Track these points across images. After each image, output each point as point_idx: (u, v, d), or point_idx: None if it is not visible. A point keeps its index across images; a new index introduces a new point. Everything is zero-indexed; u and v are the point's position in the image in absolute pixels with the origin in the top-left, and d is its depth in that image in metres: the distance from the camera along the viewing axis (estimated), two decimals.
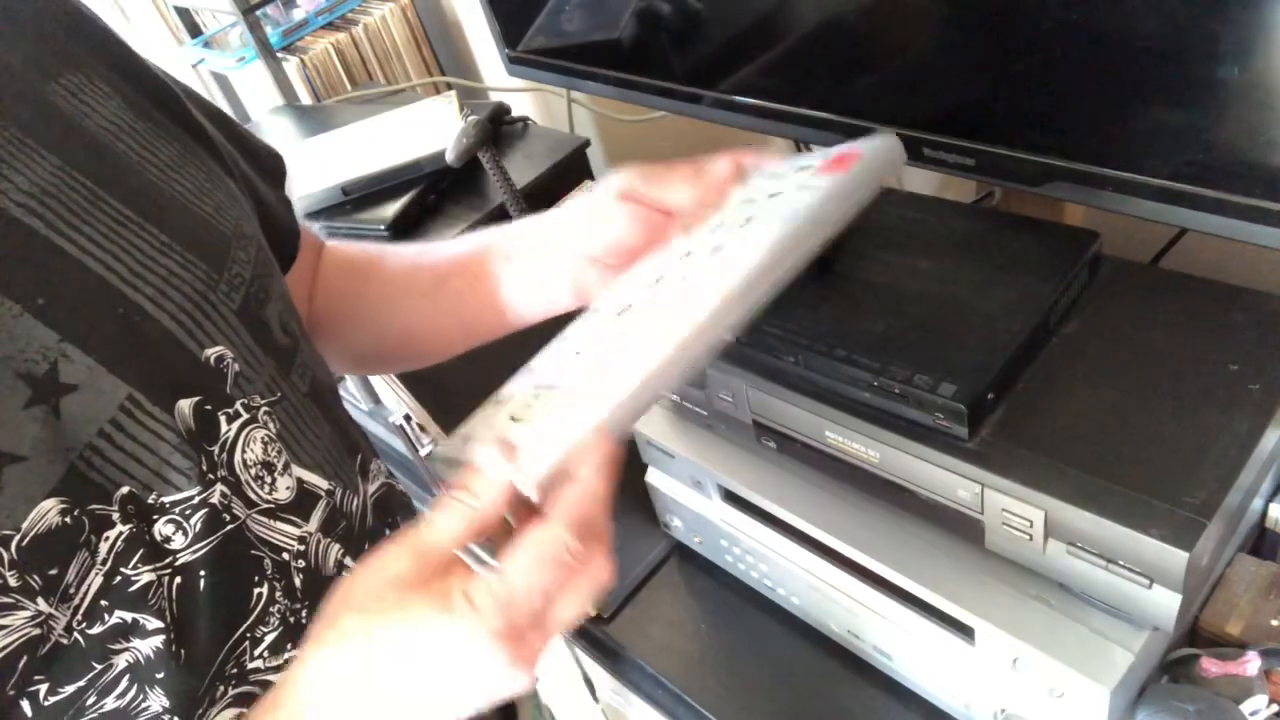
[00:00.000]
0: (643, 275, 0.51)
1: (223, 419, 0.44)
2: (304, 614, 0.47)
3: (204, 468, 0.43)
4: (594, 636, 0.84)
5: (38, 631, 0.37)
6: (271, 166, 0.64)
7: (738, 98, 0.78)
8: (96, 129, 0.45)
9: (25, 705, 0.37)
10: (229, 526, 0.44)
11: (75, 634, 0.39)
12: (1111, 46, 0.55)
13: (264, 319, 0.49)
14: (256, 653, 0.45)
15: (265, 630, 0.45)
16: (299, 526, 0.47)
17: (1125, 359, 0.58)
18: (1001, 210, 0.80)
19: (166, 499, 0.41)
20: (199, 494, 0.42)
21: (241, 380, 0.45)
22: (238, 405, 0.45)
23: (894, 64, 0.69)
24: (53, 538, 0.37)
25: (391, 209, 1.02)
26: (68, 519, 0.38)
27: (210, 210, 0.48)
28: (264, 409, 0.46)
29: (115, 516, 0.40)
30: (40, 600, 0.37)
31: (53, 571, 0.37)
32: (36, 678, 0.38)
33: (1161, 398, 0.55)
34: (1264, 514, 0.63)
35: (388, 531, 0.57)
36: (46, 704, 0.38)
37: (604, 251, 0.55)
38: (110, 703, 0.40)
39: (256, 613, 0.45)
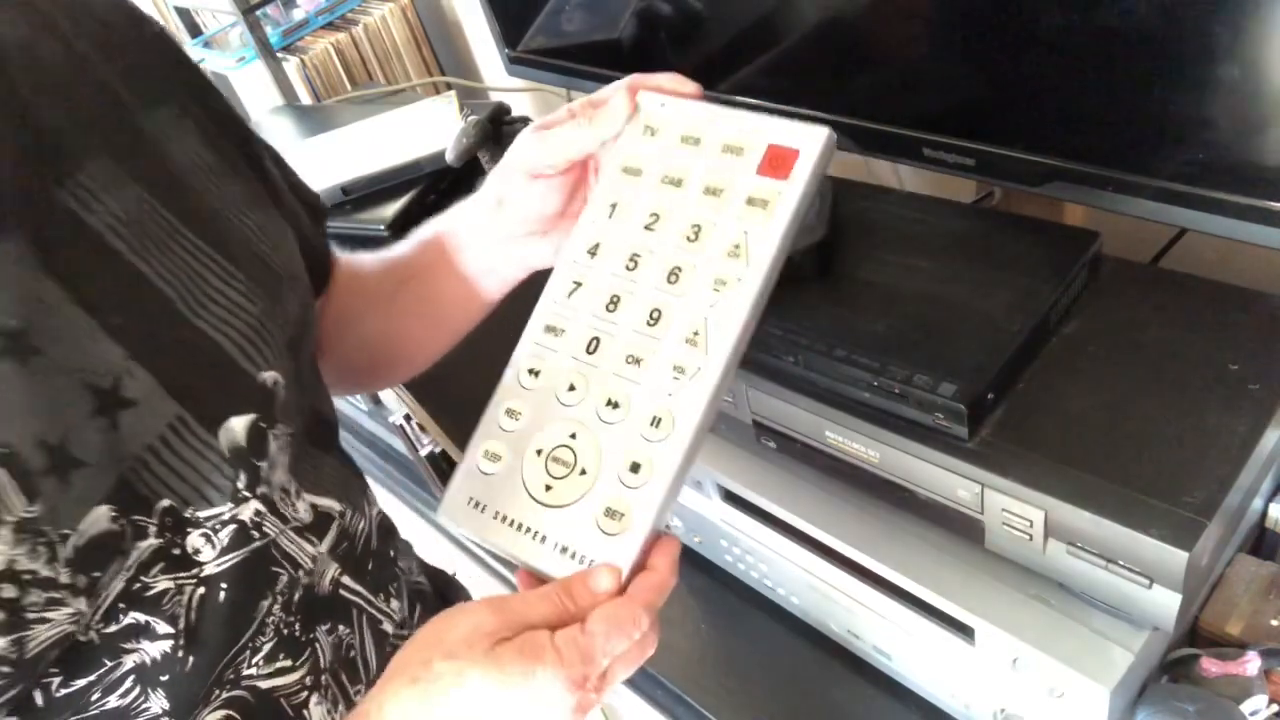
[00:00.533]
0: (590, 239, 0.51)
1: (271, 437, 0.47)
2: (296, 627, 0.49)
3: (239, 485, 0.45)
4: None
5: (72, 628, 0.39)
6: (316, 206, 0.66)
7: (737, 98, 0.78)
8: (178, 162, 0.48)
9: (38, 695, 0.39)
10: (257, 543, 0.46)
11: (93, 632, 0.41)
12: (1111, 46, 0.55)
13: (302, 354, 0.53)
14: (253, 661, 0.47)
15: (263, 640, 0.47)
16: (315, 546, 0.50)
17: (1125, 359, 0.58)
18: (1001, 210, 0.80)
19: (201, 514, 0.44)
20: (229, 510, 0.45)
21: (284, 406, 0.49)
22: (279, 428, 0.48)
23: (894, 64, 0.69)
24: (101, 542, 0.40)
25: (391, 209, 1.02)
26: (115, 525, 0.40)
27: (268, 248, 0.52)
28: (290, 435, 0.49)
29: (152, 529, 0.42)
30: (81, 600, 0.39)
31: (96, 574, 0.40)
32: (52, 670, 0.39)
33: (1161, 398, 0.55)
34: (1264, 514, 0.63)
35: (391, 554, 0.59)
36: (57, 696, 0.40)
37: (538, 224, 0.56)
38: (113, 700, 0.42)
39: (257, 623, 0.47)
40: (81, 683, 0.41)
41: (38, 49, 0.44)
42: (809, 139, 0.47)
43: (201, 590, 0.44)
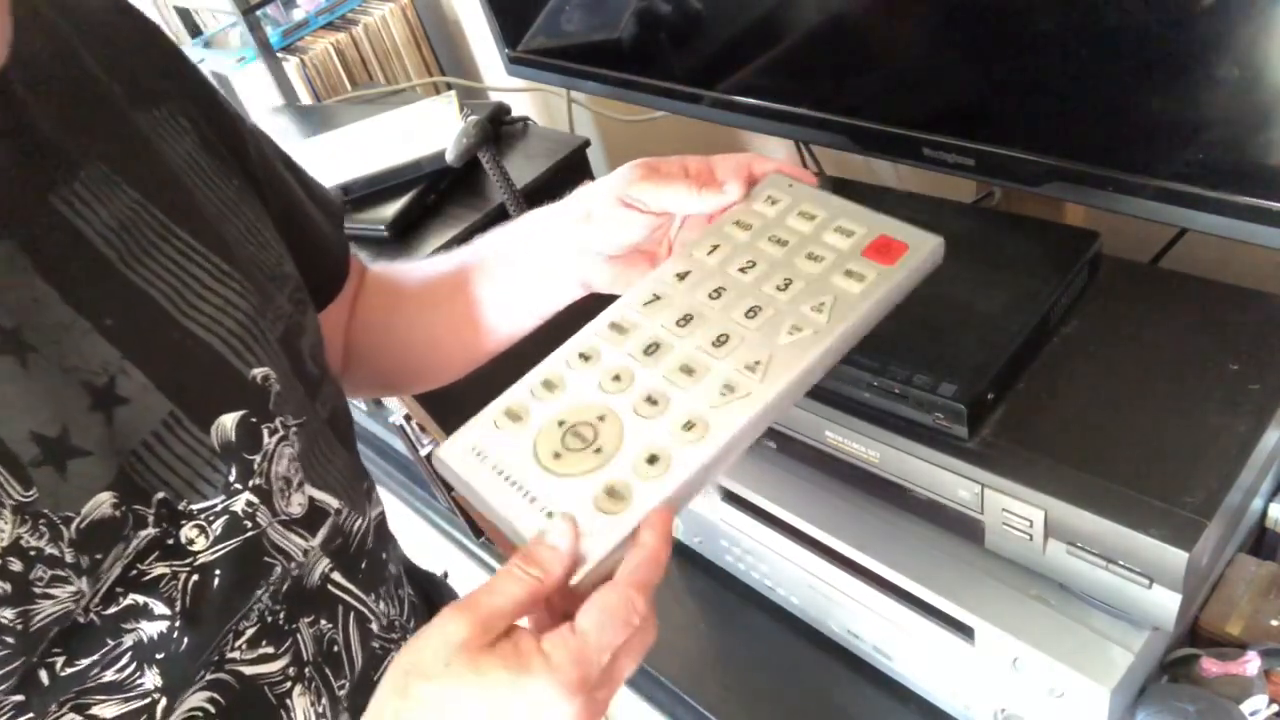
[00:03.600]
0: (650, 294, 0.52)
1: (265, 432, 0.48)
2: (281, 615, 0.50)
3: (230, 479, 0.46)
4: None
5: (72, 606, 0.40)
6: (332, 208, 0.68)
7: (738, 98, 0.78)
8: (173, 163, 0.49)
9: (44, 675, 0.40)
10: (249, 533, 0.47)
11: (92, 614, 0.42)
12: (1112, 46, 0.55)
13: (299, 349, 0.53)
14: (236, 644, 0.48)
15: (247, 625, 0.48)
16: (306, 540, 0.51)
17: (1125, 359, 0.58)
18: (1001, 210, 0.80)
19: (194, 506, 0.45)
20: (222, 502, 0.46)
21: (279, 400, 0.49)
22: (277, 421, 0.49)
23: (894, 64, 0.69)
24: (103, 526, 0.41)
25: (391, 209, 1.02)
26: (117, 512, 0.41)
27: (256, 249, 0.53)
28: (294, 428, 0.50)
29: (150, 518, 0.43)
30: (83, 580, 0.40)
31: (98, 555, 0.41)
32: (56, 650, 0.40)
33: (1161, 398, 0.55)
34: (1264, 514, 0.63)
35: (384, 555, 0.59)
36: (62, 675, 0.41)
37: (616, 247, 0.57)
38: (109, 675, 0.43)
39: (244, 609, 0.48)
40: (85, 661, 0.42)
41: (34, 52, 0.44)
42: (921, 239, 0.50)
43: (196, 577, 0.45)
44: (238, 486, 0.46)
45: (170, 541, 0.44)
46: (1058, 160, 0.60)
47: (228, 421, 0.46)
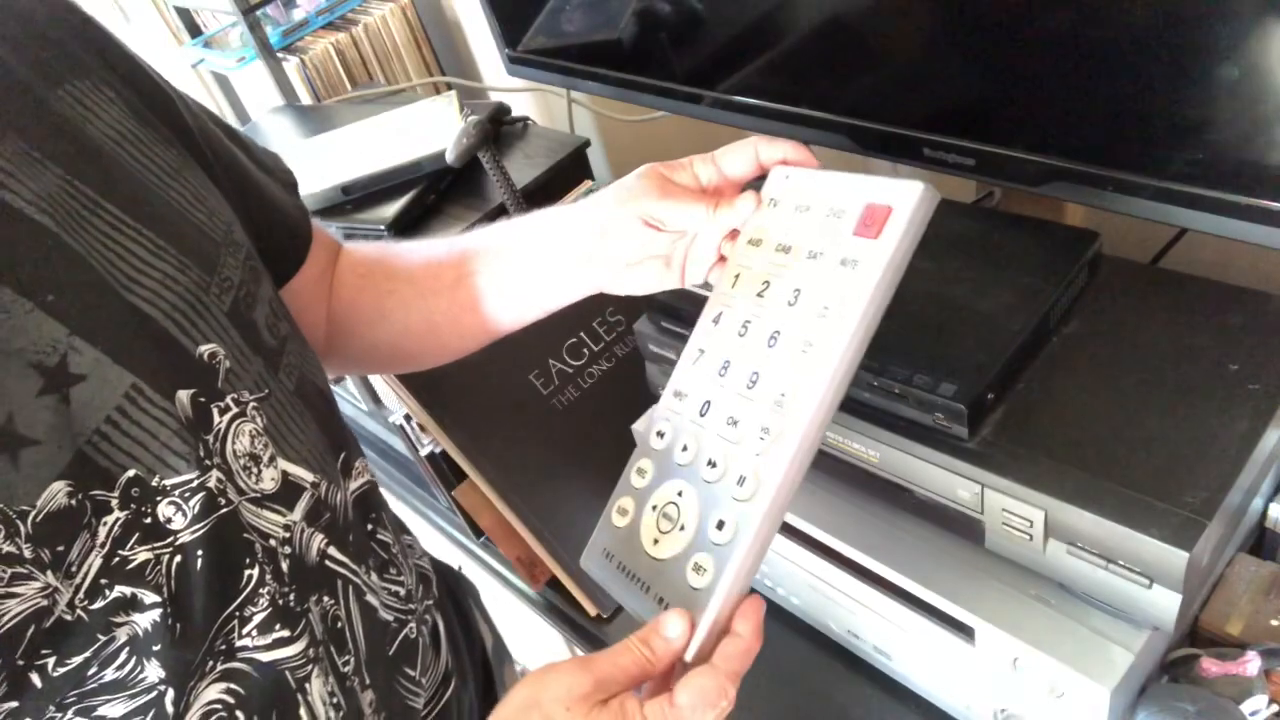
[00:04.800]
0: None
1: (215, 411, 0.46)
2: (291, 598, 0.49)
3: (201, 454, 0.45)
4: (594, 636, 0.84)
5: (45, 603, 0.39)
6: (283, 176, 0.66)
7: (738, 98, 0.78)
8: (98, 135, 0.47)
9: (35, 677, 0.40)
10: (223, 510, 0.46)
11: (79, 610, 0.41)
12: (1112, 46, 0.55)
13: (252, 320, 0.51)
14: (245, 631, 0.47)
15: (254, 610, 0.47)
16: (284, 515, 0.49)
17: (1125, 359, 0.58)
18: (1001, 210, 0.80)
19: (168, 482, 0.44)
20: (197, 478, 0.45)
21: (231, 376, 0.48)
22: (228, 399, 0.47)
23: (894, 63, 0.69)
24: (60, 517, 0.40)
25: (391, 209, 1.02)
26: (73, 501, 0.40)
27: (203, 217, 0.50)
28: (252, 404, 0.49)
29: (114, 503, 0.42)
30: (49, 573, 0.39)
31: (59, 548, 0.40)
32: (44, 651, 0.40)
33: (1161, 398, 0.55)
34: (1264, 514, 0.63)
35: (369, 528, 0.58)
36: (54, 675, 0.40)
37: (634, 259, 0.58)
38: (110, 674, 0.42)
39: (246, 593, 0.47)
40: (78, 660, 0.41)
41: None
42: (903, 195, 0.48)
43: (179, 559, 0.44)
44: (208, 462, 0.45)
45: (148, 521, 0.43)
46: (1058, 160, 0.60)
47: (184, 397, 0.45)
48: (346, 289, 0.69)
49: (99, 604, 0.41)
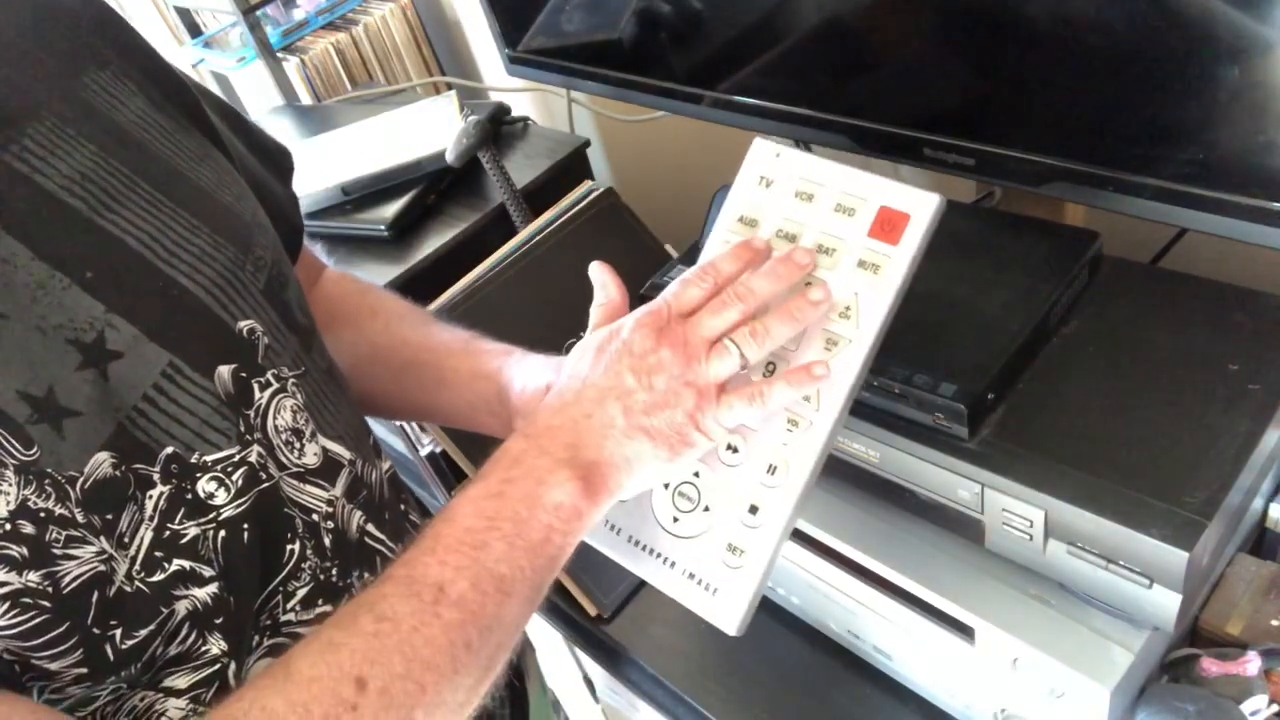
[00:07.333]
0: None
1: (256, 386, 0.47)
2: (334, 572, 0.50)
3: (241, 429, 0.46)
4: (594, 636, 0.84)
5: (103, 568, 0.40)
6: (281, 163, 0.66)
7: (738, 98, 0.78)
8: (125, 122, 0.48)
9: (108, 649, 0.41)
10: (265, 484, 0.47)
11: (137, 582, 0.42)
12: (1112, 46, 0.55)
13: (285, 299, 0.52)
14: (289, 606, 0.48)
15: (297, 585, 0.48)
16: (327, 490, 0.50)
17: (1125, 359, 0.58)
18: (1001, 210, 0.80)
19: (208, 458, 0.44)
20: (238, 453, 0.46)
21: (270, 352, 0.49)
22: (269, 375, 0.48)
23: (894, 64, 0.69)
24: (107, 485, 0.41)
25: (391, 209, 1.02)
26: (117, 472, 0.41)
27: (231, 199, 0.51)
28: (291, 380, 0.50)
29: (156, 477, 0.43)
30: (103, 539, 0.40)
31: (109, 516, 0.41)
32: (111, 622, 0.40)
33: (1162, 398, 0.55)
34: (1264, 514, 0.63)
35: (401, 508, 0.59)
36: (123, 648, 0.41)
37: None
38: (173, 649, 0.43)
39: (289, 568, 0.48)
40: (143, 633, 0.42)
41: None
42: (921, 204, 0.49)
43: (224, 534, 0.45)
44: (249, 437, 0.46)
45: (189, 496, 0.44)
46: (1058, 160, 0.60)
47: (225, 372, 0.46)
48: (333, 312, 0.67)
49: (158, 577, 0.42)
